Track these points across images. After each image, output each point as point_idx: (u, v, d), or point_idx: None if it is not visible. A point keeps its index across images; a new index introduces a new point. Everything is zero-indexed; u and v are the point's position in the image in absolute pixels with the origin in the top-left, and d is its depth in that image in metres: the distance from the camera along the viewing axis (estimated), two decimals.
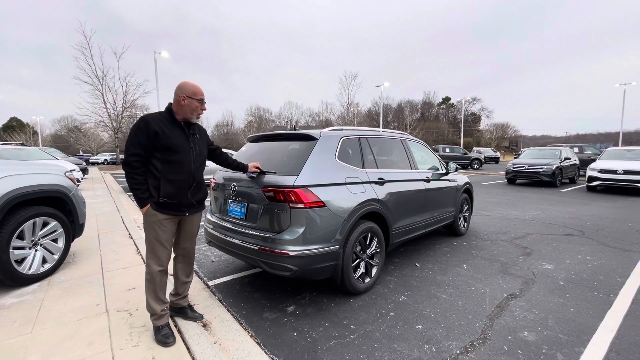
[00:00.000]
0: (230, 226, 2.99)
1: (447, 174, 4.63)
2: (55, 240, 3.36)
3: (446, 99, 70.18)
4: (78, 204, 3.64)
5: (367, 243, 3.08)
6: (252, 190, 2.82)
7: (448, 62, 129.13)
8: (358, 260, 3.00)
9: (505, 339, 2.31)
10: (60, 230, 3.39)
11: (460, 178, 5.04)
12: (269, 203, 2.67)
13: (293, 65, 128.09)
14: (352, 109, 51.30)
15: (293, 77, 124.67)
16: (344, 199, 2.81)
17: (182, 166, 2.18)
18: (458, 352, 2.18)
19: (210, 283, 3.31)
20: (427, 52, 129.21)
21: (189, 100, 2.17)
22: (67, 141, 53.07)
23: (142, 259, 3.78)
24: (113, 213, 6.53)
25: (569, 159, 12.91)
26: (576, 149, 15.94)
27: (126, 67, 42.19)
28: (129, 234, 4.85)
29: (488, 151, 33.35)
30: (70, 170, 4.34)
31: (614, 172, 10.00)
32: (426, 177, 4.08)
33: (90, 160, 34.34)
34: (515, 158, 16.57)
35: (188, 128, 2.25)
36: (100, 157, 39.66)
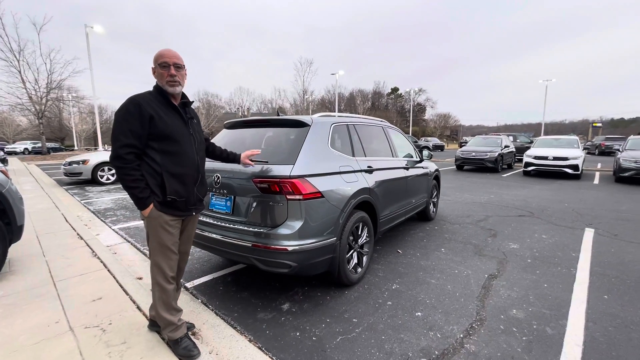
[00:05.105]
0: (213, 222, 2.71)
1: (421, 161, 4.74)
2: None
3: (395, 89, 72.80)
4: (14, 202, 3.01)
5: (359, 233, 3.01)
6: (240, 181, 2.56)
7: (396, 54, 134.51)
8: (351, 250, 2.93)
9: (499, 319, 2.43)
10: None
11: (430, 165, 5.21)
12: (261, 195, 2.44)
13: (244, 49, 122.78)
14: (306, 96, 50.80)
15: (244, 62, 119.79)
16: (340, 189, 2.69)
17: (186, 157, 1.86)
18: (461, 336, 2.23)
19: (189, 285, 3.00)
20: (377, 42, 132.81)
21: (157, 69, 1.82)
22: None
23: (102, 262, 3.29)
24: (51, 210, 5.64)
25: (508, 146, 14.25)
26: (511, 138, 17.65)
27: (53, 43, 36.39)
28: (78, 235, 4.21)
29: (435, 140, 35.62)
30: None
31: (546, 158, 11.27)
32: (405, 165, 4.12)
33: (6, 150, 29.42)
34: (461, 146, 17.87)
35: (185, 111, 1.92)
36: (19, 146, 34.37)
